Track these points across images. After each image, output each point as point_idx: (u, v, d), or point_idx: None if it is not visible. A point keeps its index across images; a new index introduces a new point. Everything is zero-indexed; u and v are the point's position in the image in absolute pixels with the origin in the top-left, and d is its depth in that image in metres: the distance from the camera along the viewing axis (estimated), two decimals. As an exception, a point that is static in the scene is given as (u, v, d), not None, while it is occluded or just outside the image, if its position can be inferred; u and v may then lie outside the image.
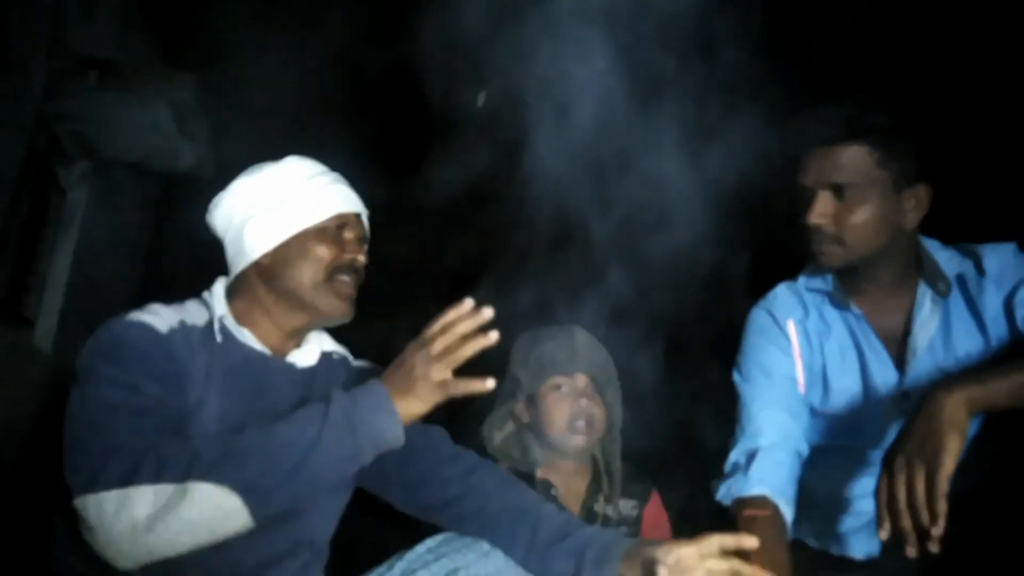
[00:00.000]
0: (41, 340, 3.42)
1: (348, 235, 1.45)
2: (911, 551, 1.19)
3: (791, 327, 1.59)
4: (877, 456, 1.37)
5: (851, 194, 1.45)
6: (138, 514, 1.09)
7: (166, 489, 1.11)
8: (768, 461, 1.48)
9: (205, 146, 3.35)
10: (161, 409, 1.23)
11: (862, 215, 1.45)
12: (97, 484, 1.12)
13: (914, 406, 1.27)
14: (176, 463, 1.14)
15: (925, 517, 1.17)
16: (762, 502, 1.44)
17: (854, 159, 1.45)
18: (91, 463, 1.15)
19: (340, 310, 1.42)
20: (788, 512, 1.45)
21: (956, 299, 1.51)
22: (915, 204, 1.48)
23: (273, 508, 1.18)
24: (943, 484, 1.16)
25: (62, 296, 3.51)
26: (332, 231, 1.43)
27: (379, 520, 1.58)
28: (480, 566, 1.31)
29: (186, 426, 1.27)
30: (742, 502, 1.45)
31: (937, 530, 1.15)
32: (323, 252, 1.41)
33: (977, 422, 1.51)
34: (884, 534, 1.22)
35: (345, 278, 1.42)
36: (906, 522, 1.19)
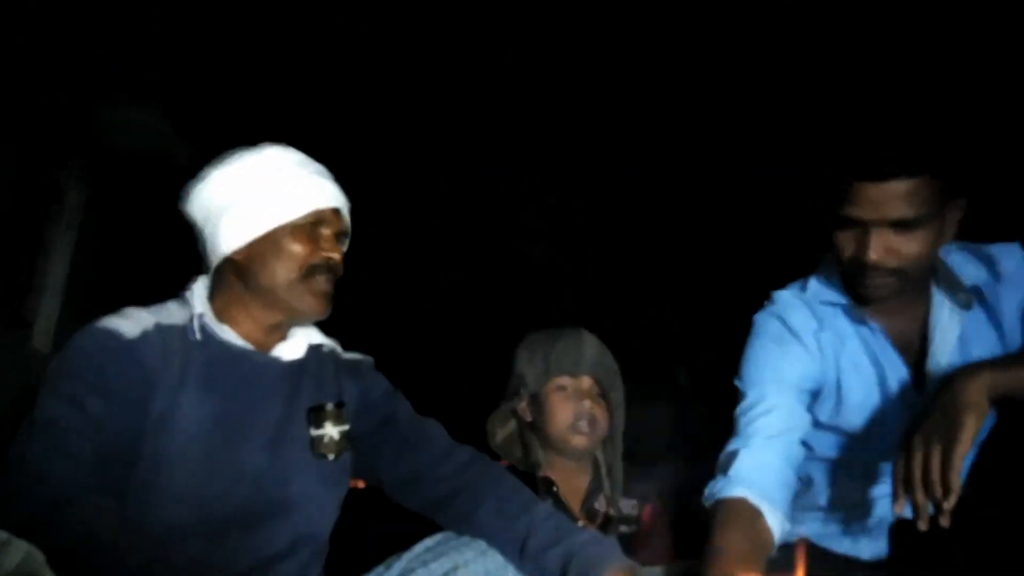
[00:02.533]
0: (39, 342, 3.40)
1: (325, 231, 1.40)
2: (923, 524, 1.21)
3: (807, 339, 1.51)
4: (891, 468, 1.34)
5: (911, 226, 1.34)
6: (6, 565, 1.00)
7: (36, 557, 1.00)
8: (751, 460, 1.40)
9: (202, 145, 3.35)
10: (98, 429, 1.20)
11: (921, 246, 1.36)
12: None
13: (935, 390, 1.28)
14: (59, 533, 1.06)
15: (938, 491, 1.19)
16: (742, 505, 1.34)
17: (916, 193, 1.32)
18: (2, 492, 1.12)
19: (314, 308, 1.39)
20: (774, 518, 1.35)
21: (974, 308, 1.46)
22: (954, 217, 1.41)
23: None
24: (958, 461, 1.18)
25: (60, 297, 3.49)
26: (308, 228, 1.38)
27: (378, 519, 1.57)
28: (478, 564, 1.30)
29: (133, 440, 1.25)
30: (721, 505, 1.36)
31: (948, 504, 1.18)
32: (298, 250, 1.37)
33: (990, 422, 1.49)
34: (899, 508, 1.24)
35: (320, 276, 1.38)
36: (920, 497, 1.21)
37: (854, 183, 1.34)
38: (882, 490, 1.55)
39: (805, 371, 1.50)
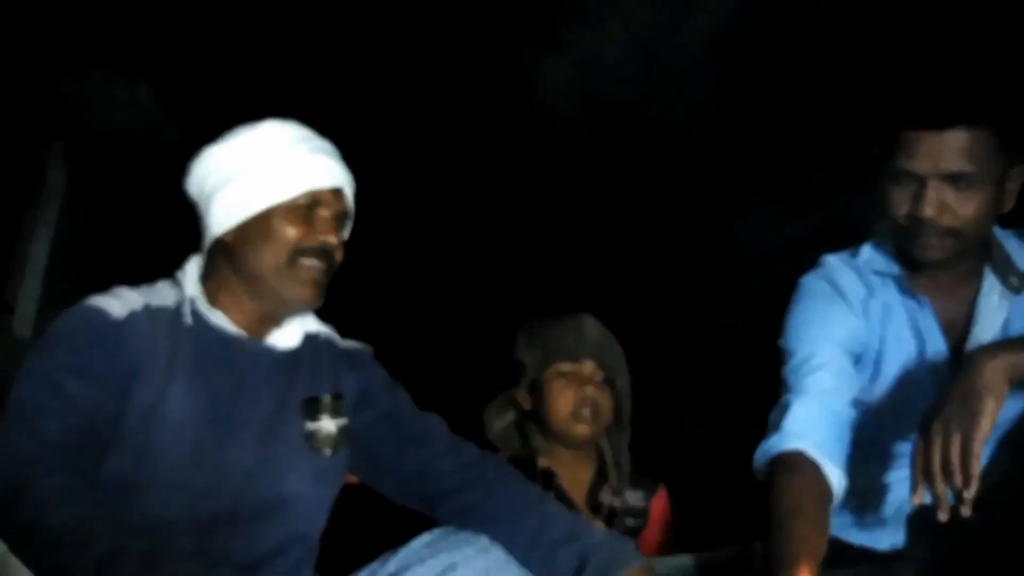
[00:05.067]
0: (20, 326, 3.36)
1: (323, 213, 1.32)
2: (943, 515, 1.17)
3: (856, 304, 1.47)
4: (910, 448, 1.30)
5: (968, 183, 1.31)
6: None
7: None
8: (805, 413, 1.34)
9: (188, 124, 3.31)
10: (72, 411, 1.15)
11: (979, 206, 1.32)
12: None
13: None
14: (14, 514, 1.01)
15: (959, 479, 1.14)
16: (799, 458, 1.29)
17: (977, 146, 1.29)
18: None
19: (303, 297, 1.31)
20: (834, 474, 1.30)
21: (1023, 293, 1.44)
22: (1014, 187, 1.37)
23: None
24: (978, 448, 1.14)
25: (41, 281, 3.45)
26: (301, 209, 1.30)
27: (373, 515, 1.52)
28: (479, 561, 1.25)
29: (109, 424, 1.19)
30: (777, 461, 1.31)
31: (969, 492, 1.14)
32: (289, 233, 1.29)
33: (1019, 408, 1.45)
34: (918, 499, 1.20)
35: (311, 262, 1.30)
36: (940, 486, 1.16)
37: (912, 133, 1.31)
38: (900, 475, 1.50)
39: (853, 333, 1.46)
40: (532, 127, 3.19)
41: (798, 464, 1.29)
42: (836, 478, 1.31)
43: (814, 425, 1.33)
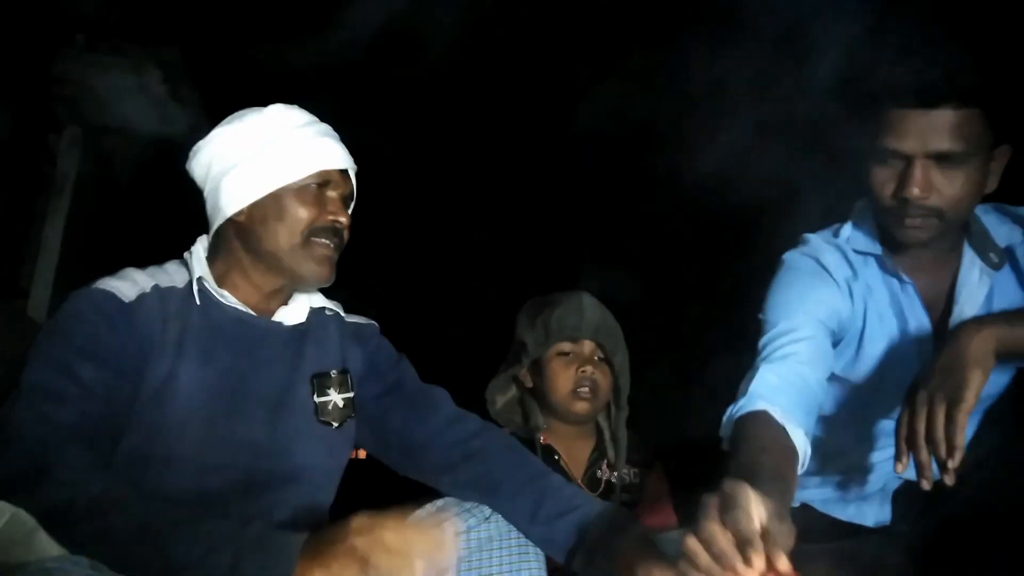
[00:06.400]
0: (35, 311, 3.38)
1: (331, 194, 1.36)
2: (926, 484, 1.17)
3: (841, 283, 1.46)
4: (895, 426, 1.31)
5: (955, 163, 1.27)
6: None
7: (23, 519, 0.97)
8: (773, 376, 1.30)
9: (197, 111, 3.31)
10: (86, 396, 1.16)
11: (966, 186, 1.29)
12: None
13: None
14: (40, 497, 1.02)
15: (943, 450, 1.14)
16: (765, 417, 1.24)
17: (964, 125, 1.26)
18: None
19: (318, 275, 1.35)
20: (799, 438, 1.25)
21: (1003, 268, 1.42)
22: (998, 167, 1.35)
23: None
24: (963, 419, 1.14)
25: (55, 266, 3.46)
26: (313, 189, 1.34)
27: (378, 487, 1.55)
28: (482, 530, 1.29)
29: (124, 406, 1.21)
30: (741, 422, 1.26)
31: (953, 462, 1.13)
32: (302, 213, 1.32)
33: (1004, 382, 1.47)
34: (901, 467, 1.19)
35: (324, 241, 1.34)
36: (923, 455, 1.16)
37: (899, 112, 1.29)
38: (885, 453, 1.52)
39: (836, 311, 1.44)
40: (532, 129, 3.21)
41: (764, 422, 1.25)
42: (800, 442, 1.26)
43: (782, 390, 1.30)
